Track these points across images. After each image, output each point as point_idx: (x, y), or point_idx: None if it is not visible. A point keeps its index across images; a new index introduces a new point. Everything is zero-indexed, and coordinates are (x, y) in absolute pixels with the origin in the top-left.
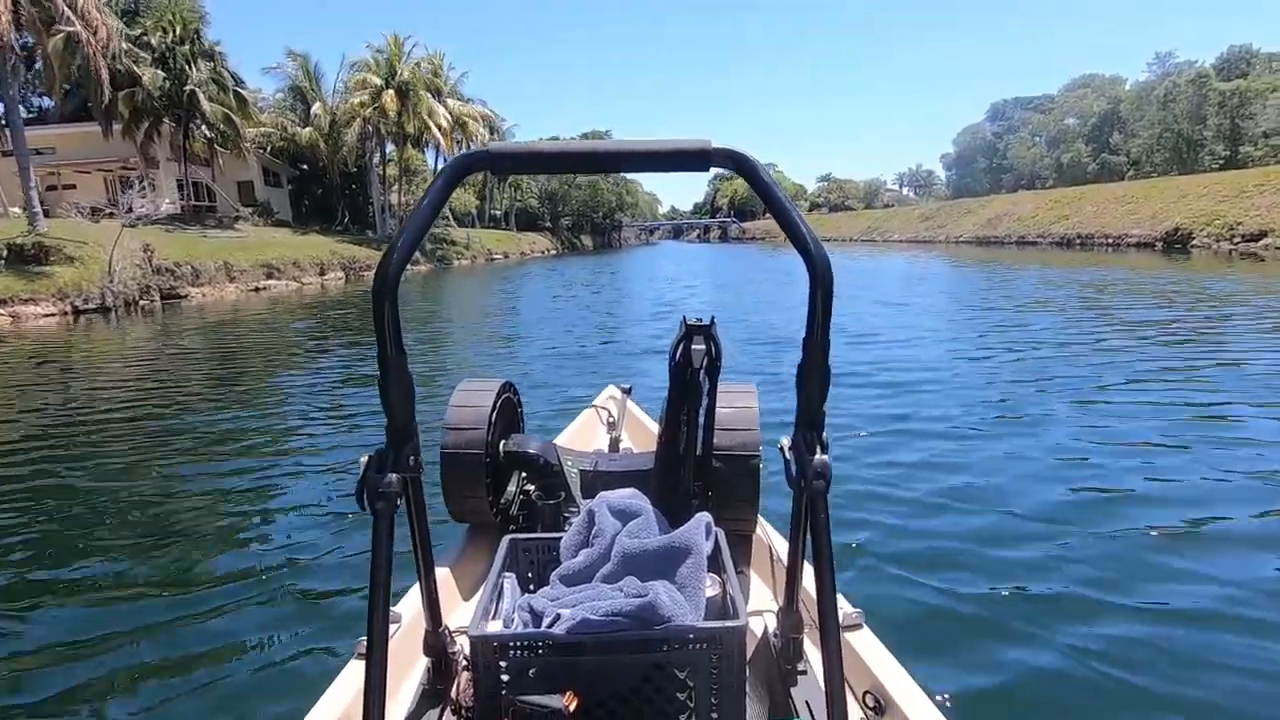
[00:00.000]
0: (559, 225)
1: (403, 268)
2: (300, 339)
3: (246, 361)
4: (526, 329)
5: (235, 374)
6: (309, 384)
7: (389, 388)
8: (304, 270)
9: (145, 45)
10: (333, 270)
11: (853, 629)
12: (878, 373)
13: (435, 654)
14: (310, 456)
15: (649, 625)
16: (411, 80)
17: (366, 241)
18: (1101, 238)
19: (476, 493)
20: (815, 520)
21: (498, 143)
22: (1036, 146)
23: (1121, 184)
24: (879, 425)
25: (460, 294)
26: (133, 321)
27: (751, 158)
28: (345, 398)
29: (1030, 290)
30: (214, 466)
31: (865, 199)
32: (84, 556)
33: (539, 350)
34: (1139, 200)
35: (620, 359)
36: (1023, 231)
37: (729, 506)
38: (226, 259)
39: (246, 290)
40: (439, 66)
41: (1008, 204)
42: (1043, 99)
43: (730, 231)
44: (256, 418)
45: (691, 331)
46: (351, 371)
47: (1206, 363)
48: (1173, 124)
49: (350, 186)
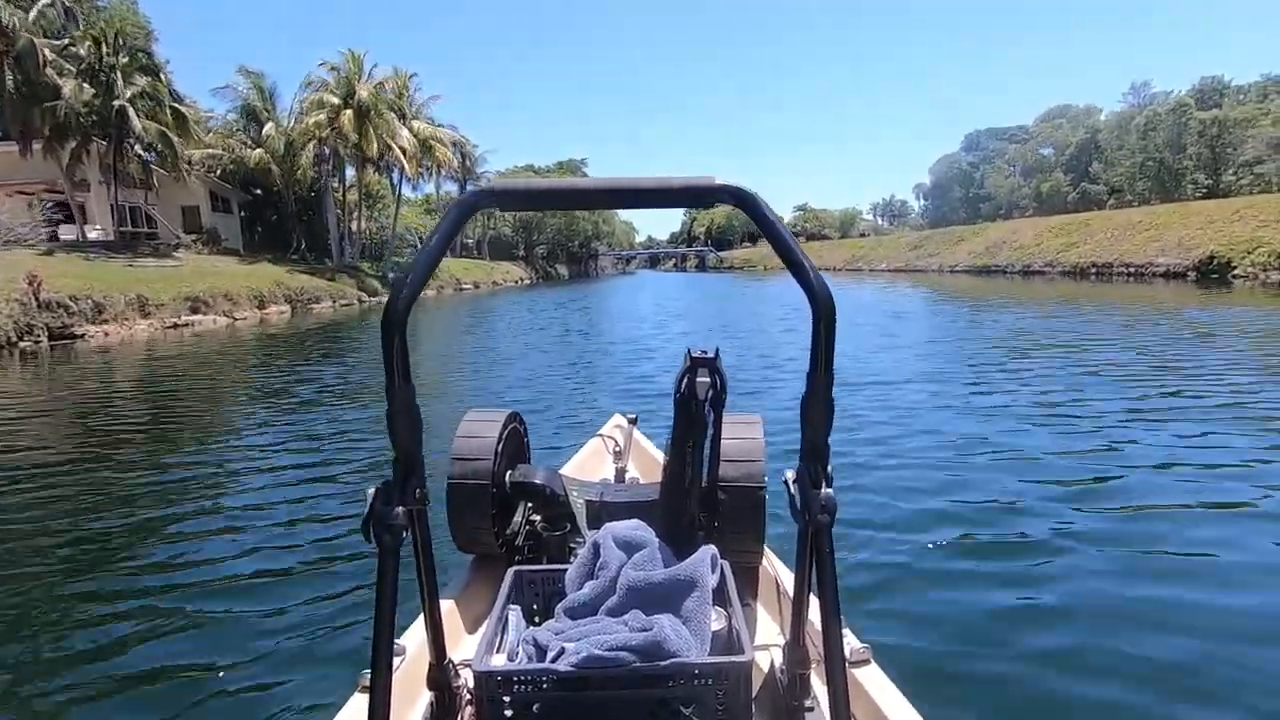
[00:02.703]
0: (534, 254)
1: (412, 302)
2: (202, 385)
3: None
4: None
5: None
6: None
7: (396, 420)
8: (237, 303)
9: (73, 56)
10: (275, 303)
11: (860, 664)
12: (890, 409)
13: (439, 688)
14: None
15: (654, 660)
16: (371, 100)
17: (321, 271)
18: (1121, 267)
19: (482, 524)
20: (820, 554)
21: (504, 180)
22: (1013, 176)
23: (1136, 209)
24: (890, 459)
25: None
26: (4, 369)
27: (754, 193)
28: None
29: (1116, 332)
30: (212, 495)
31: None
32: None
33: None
34: (1159, 226)
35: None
36: (1026, 260)
37: (734, 538)
38: (143, 291)
39: (163, 327)
40: (404, 86)
41: (1005, 231)
42: (1017, 129)
43: (708, 260)
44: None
45: (696, 364)
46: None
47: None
48: (1154, 152)
49: (308, 213)
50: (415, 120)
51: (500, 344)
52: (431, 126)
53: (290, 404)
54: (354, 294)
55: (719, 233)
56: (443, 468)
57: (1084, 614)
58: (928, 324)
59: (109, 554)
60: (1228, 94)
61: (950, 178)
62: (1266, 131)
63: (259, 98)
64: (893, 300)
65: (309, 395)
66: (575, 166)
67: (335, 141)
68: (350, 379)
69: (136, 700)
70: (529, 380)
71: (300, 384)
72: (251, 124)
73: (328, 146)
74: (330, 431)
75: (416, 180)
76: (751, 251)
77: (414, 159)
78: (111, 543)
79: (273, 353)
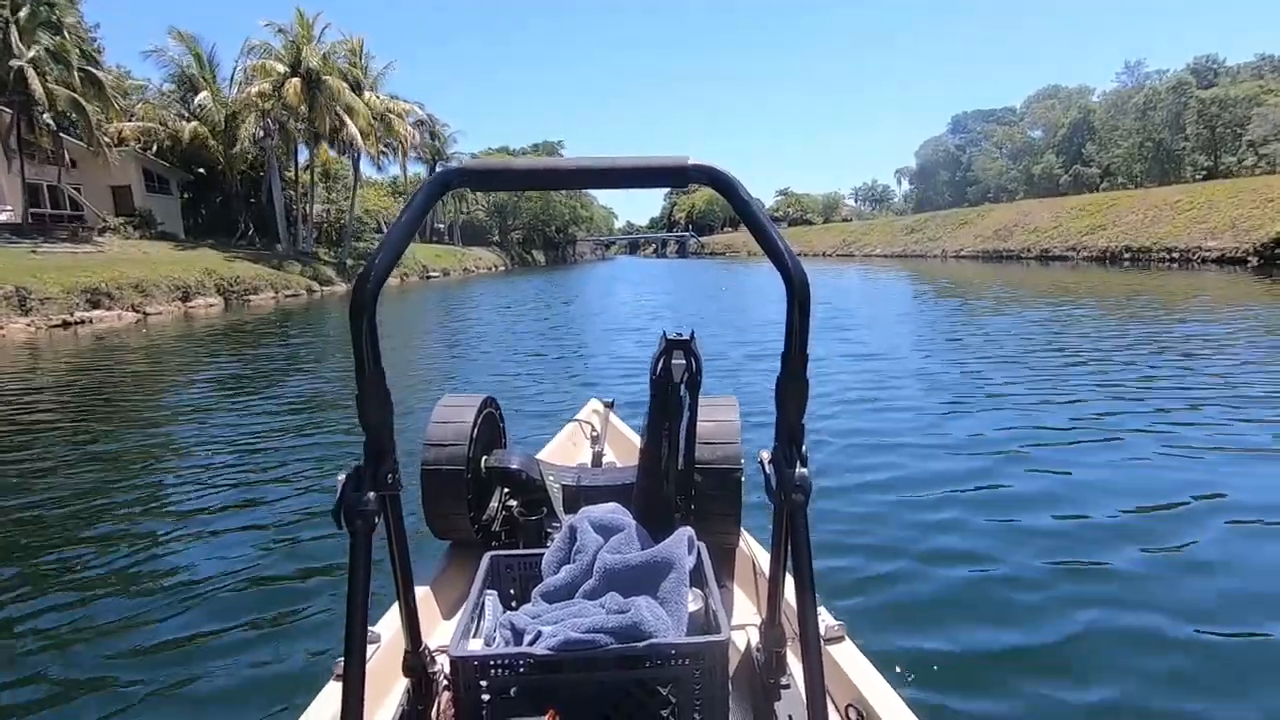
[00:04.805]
0: (509, 239)
1: (380, 286)
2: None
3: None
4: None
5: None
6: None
7: (367, 404)
8: (150, 296)
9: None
10: (204, 294)
11: (835, 641)
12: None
13: (415, 674)
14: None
15: (631, 642)
16: (322, 67)
17: (268, 258)
18: (1162, 252)
19: (458, 509)
20: (795, 533)
21: (477, 159)
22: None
23: (1173, 188)
24: (867, 439)
25: None
26: None
27: (729, 174)
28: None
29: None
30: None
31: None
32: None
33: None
34: (1202, 206)
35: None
36: (1044, 244)
37: (711, 520)
38: (24, 282)
39: (48, 326)
40: (357, 52)
41: (1015, 213)
42: (1004, 111)
43: (689, 246)
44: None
45: (671, 346)
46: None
47: None
48: (1153, 133)
49: (255, 193)
50: (370, 93)
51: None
52: (390, 100)
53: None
54: (302, 283)
55: (700, 217)
56: (416, 454)
57: (1059, 591)
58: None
59: (70, 552)
60: (1223, 73)
61: (936, 161)
62: (1275, 111)
63: (196, 65)
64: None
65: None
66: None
67: (281, 114)
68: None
69: (109, 696)
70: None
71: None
72: (190, 94)
73: (272, 119)
74: (281, 428)
75: (379, 159)
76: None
77: (371, 135)
78: (71, 537)
79: (179, 352)
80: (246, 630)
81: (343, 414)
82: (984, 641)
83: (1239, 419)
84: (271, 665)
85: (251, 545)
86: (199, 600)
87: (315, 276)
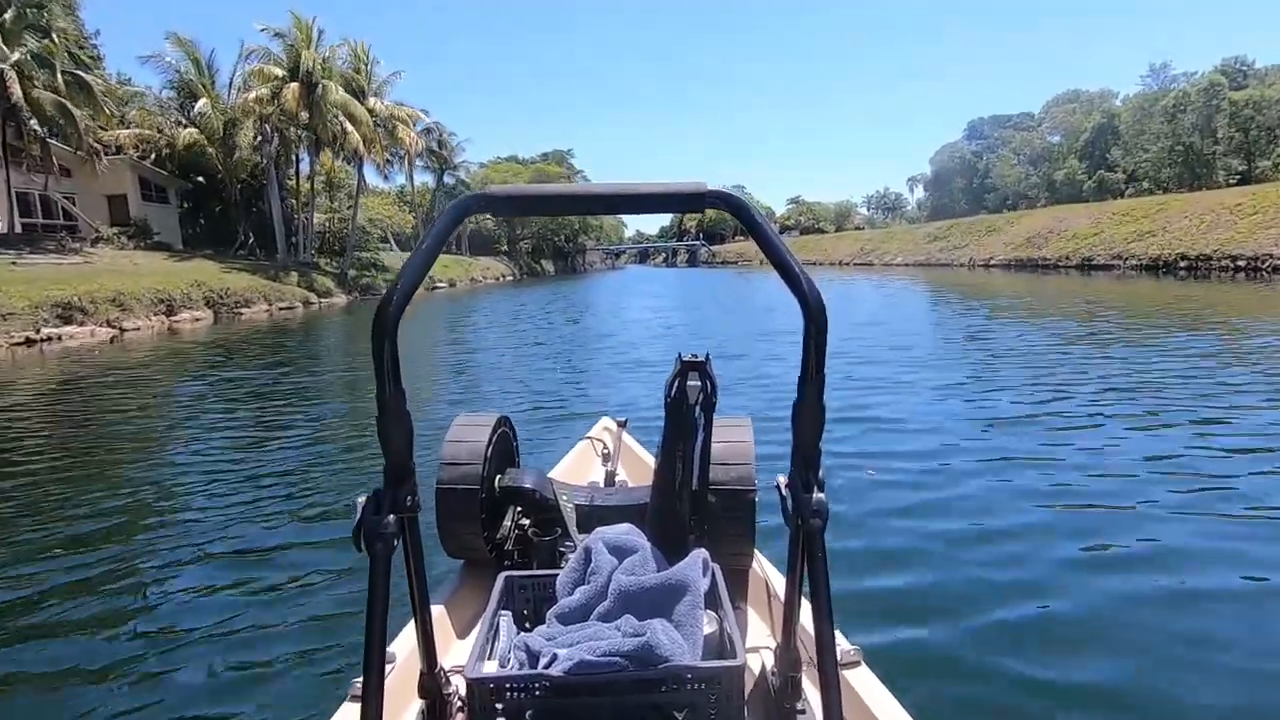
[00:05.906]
0: (517, 249)
1: (402, 309)
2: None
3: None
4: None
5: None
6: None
7: (388, 427)
8: (128, 310)
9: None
10: (191, 308)
11: (851, 667)
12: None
13: (430, 695)
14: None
15: (647, 665)
16: (321, 72)
17: (266, 269)
18: (1224, 260)
19: (472, 529)
20: (812, 558)
21: (497, 185)
22: (1020, 165)
23: (1233, 190)
24: (891, 461)
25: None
26: None
27: (744, 200)
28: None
29: None
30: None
31: (836, 221)
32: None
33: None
34: (1268, 209)
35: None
36: (1085, 252)
37: (725, 541)
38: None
39: (10, 344)
40: (363, 59)
41: (1050, 218)
42: (1022, 116)
43: (700, 255)
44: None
45: (687, 368)
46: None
47: None
48: (1183, 136)
49: (256, 203)
50: (375, 98)
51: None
52: (394, 106)
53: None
54: (299, 295)
55: (711, 226)
56: (431, 473)
57: (1078, 616)
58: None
59: (94, 566)
60: (1252, 75)
61: (952, 168)
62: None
63: (195, 70)
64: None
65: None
66: (561, 158)
67: (280, 120)
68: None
69: (127, 715)
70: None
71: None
72: (189, 101)
73: (271, 126)
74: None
75: (383, 167)
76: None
77: (375, 142)
78: (98, 554)
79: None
80: (263, 649)
81: (343, 434)
82: (1011, 672)
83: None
84: (287, 684)
85: (261, 566)
86: (209, 628)
87: (313, 288)
